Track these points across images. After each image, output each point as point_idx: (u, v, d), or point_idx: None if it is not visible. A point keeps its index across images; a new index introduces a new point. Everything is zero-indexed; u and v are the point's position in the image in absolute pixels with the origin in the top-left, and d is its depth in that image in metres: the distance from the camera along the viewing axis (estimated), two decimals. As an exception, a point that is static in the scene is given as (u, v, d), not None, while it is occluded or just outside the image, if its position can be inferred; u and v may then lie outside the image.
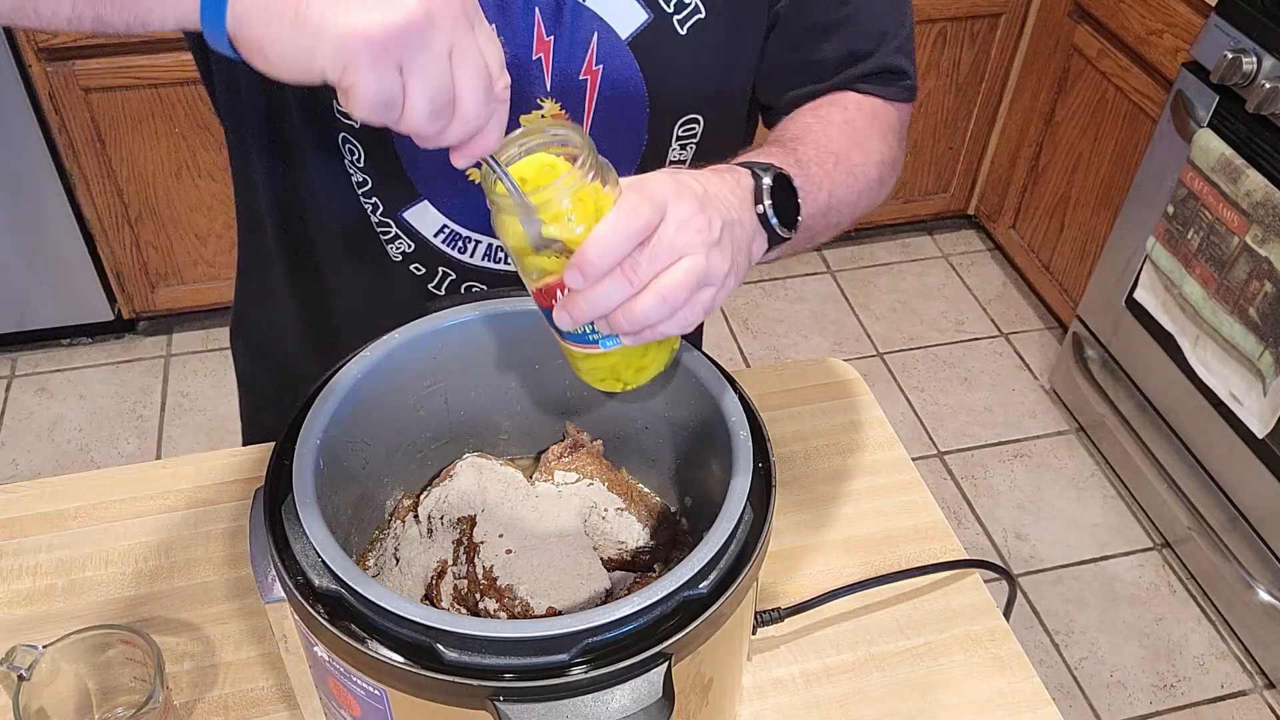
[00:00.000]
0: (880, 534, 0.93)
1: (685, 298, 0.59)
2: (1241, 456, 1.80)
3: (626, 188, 0.59)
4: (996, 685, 0.83)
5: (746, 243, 0.64)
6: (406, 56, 0.51)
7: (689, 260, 0.59)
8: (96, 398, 2.27)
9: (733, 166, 0.68)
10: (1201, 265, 1.76)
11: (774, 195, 0.67)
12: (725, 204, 0.63)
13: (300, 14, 0.49)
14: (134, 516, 0.92)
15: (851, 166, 0.80)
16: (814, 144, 0.79)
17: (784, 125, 0.85)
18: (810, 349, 2.46)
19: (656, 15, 0.80)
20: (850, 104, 0.87)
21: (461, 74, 0.53)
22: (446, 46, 0.52)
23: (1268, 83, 1.64)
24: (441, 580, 0.71)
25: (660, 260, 0.58)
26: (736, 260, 0.62)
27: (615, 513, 0.77)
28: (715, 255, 0.60)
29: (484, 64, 0.54)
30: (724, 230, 0.61)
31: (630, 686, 0.55)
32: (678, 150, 0.89)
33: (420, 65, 0.51)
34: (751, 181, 0.67)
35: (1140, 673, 1.87)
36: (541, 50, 0.79)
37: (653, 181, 0.59)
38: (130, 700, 0.77)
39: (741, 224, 0.64)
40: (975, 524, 2.11)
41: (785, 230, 0.68)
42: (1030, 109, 2.41)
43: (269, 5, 0.50)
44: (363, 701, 0.60)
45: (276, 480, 0.63)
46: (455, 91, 0.53)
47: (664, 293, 0.58)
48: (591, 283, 0.57)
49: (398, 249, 0.91)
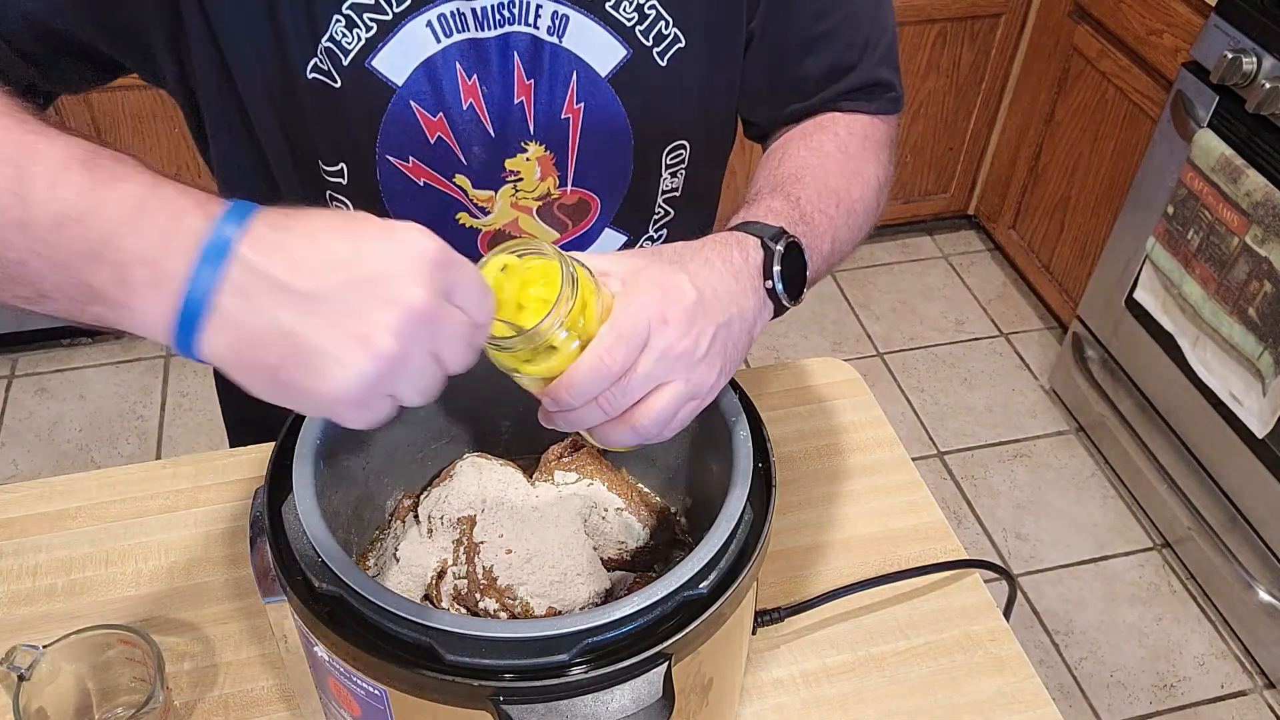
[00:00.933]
0: (880, 534, 0.93)
1: (663, 423, 0.60)
2: (1241, 456, 1.80)
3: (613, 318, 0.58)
4: (996, 685, 0.83)
5: (744, 334, 0.65)
6: (388, 388, 0.50)
7: (668, 389, 0.60)
8: (96, 398, 2.27)
9: (740, 238, 0.68)
10: (1201, 265, 1.76)
11: (783, 264, 0.67)
12: (722, 302, 0.63)
13: (278, 377, 0.49)
14: (134, 516, 0.92)
15: (852, 204, 0.80)
16: (814, 185, 0.79)
17: (779, 159, 0.84)
18: (810, 349, 2.46)
19: (635, 50, 0.80)
20: (841, 128, 0.86)
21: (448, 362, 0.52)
22: (427, 355, 0.50)
23: (1268, 83, 1.64)
24: (441, 580, 0.71)
25: (635, 393, 0.59)
26: (727, 363, 0.63)
27: (615, 513, 0.77)
28: (700, 373, 0.60)
29: (465, 343, 0.52)
30: (715, 338, 0.61)
31: (630, 686, 0.55)
32: (669, 179, 0.89)
33: (403, 384, 0.50)
34: (761, 256, 0.67)
35: (1140, 673, 1.87)
36: (523, 94, 0.79)
37: (639, 299, 0.59)
38: (130, 700, 0.77)
39: (741, 316, 0.64)
40: (975, 524, 2.11)
41: (791, 302, 0.69)
42: (1030, 109, 2.41)
43: (244, 359, 0.49)
44: (363, 701, 0.60)
45: (276, 480, 0.63)
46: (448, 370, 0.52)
47: (637, 425, 0.60)
48: (566, 411, 0.60)
49: None
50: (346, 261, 0.48)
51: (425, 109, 0.78)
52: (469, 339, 0.52)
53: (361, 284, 0.48)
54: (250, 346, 0.48)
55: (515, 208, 0.85)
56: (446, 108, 0.78)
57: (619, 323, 0.58)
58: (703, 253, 0.65)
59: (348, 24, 0.74)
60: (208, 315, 0.48)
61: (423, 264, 0.49)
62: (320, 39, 0.74)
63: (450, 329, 0.50)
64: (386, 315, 0.48)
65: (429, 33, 0.75)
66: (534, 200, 0.85)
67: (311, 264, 0.48)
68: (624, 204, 0.88)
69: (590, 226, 0.89)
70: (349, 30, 0.74)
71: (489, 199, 0.84)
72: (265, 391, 0.49)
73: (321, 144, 0.80)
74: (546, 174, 0.84)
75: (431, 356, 0.50)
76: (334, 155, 0.80)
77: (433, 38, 0.76)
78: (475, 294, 0.52)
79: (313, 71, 0.75)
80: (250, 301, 0.48)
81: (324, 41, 0.74)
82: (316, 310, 0.48)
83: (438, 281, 0.49)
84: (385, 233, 0.50)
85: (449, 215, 0.84)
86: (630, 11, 0.78)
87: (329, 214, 0.51)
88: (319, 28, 0.74)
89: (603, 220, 0.89)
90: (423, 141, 0.80)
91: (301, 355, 0.48)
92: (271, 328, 0.48)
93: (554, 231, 0.87)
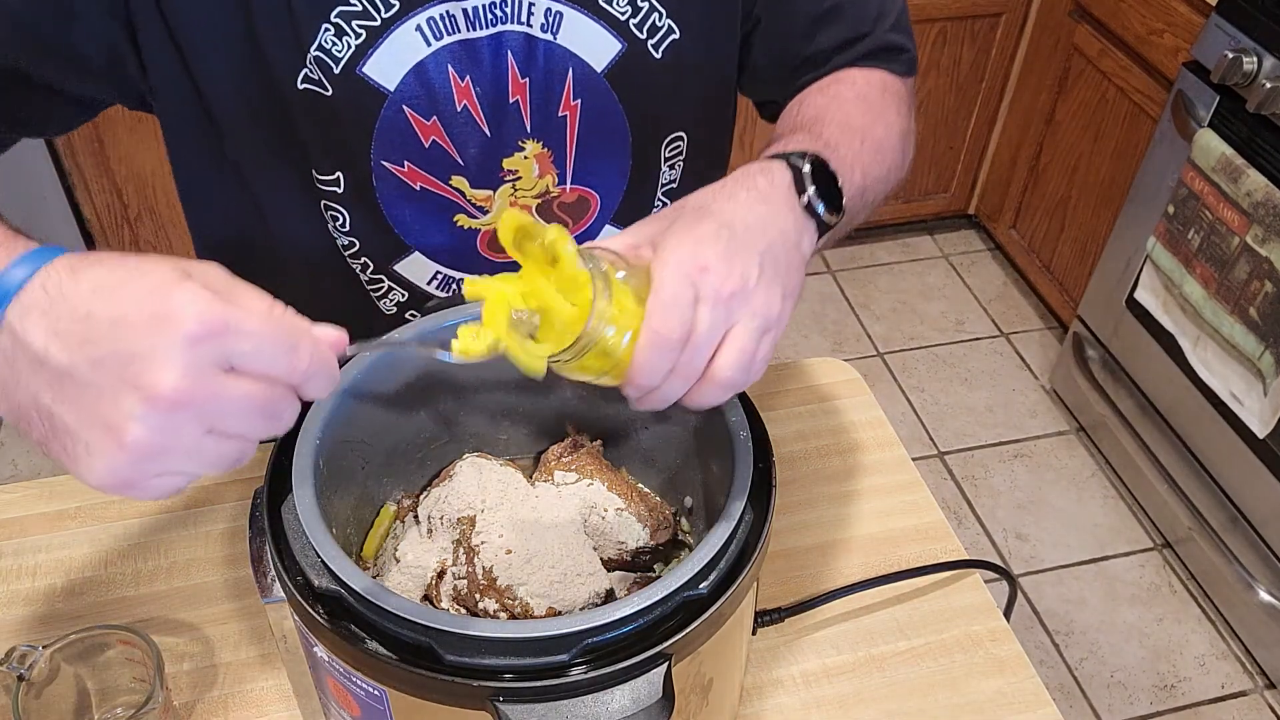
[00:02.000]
0: (880, 534, 0.93)
1: (746, 365, 0.58)
2: (1242, 456, 1.80)
3: (655, 286, 0.56)
4: (997, 685, 0.83)
5: (791, 253, 0.62)
6: (163, 467, 0.46)
7: (737, 332, 0.58)
8: (96, 397, 2.27)
9: (764, 165, 0.66)
10: (1202, 265, 1.76)
11: (816, 181, 0.65)
12: (757, 230, 0.60)
13: (50, 450, 0.47)
14: (134, 516, 0.92)
15: (877, 141, 0.78)
16: (835, 124, 0.77)
17: (795, 110, 0.82)
18: (810, 349, 2.46)
19: (630, 44, 0.79)
20: (858, 79, 0.84)
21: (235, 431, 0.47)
22: (199, 435, 0.46)
23: (1268, 82, 1.63)
24: (441, 580, 0.71)
25: (705, 350, 0.57)
26: (786, 286, 0.60)
27: (615, 513, 0.76)
28: (760, 303, 0.58)
29: (250, 401, 0.46)
30: (762, 266, 0.59)
31: (630, 687, 0.55)
32: (667, 171, 0.89)
33: (179, 465, 0.46)
34: (788, 174, 0.65)
35: (1140, 673, 1.87)
36: (518, 93, 0.79)
37: (672, 259, 0.57)
38: (130, 700, 0.77)
39: (783, 237, 0.62)
40: (975, 524, 2.11)
41: (832, 215, 0.66)
42: (1030, 109, 2.41)
43: (19, 427, 0.47)
44: (362, 702, 0.60)
45: (276, 480, 0.63)
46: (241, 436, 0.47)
47: (722, 378, 0.58)
48: (650, 394, 0.58)
49: (392, 301, 0.90)
50: (101, 335, 0.44)
51: (419, 113, 0.78)
52: (265, 403, 0.47)
53: (110, 364, 0.44)
54: (18, 419, 0.47)
55: (515, 207, 0.85)
56: (440, 110, 0.78)
57: (661, 291, 0.56)
58: (726, 189, 0.63)
59: (337, 32, 0.74)
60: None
61: (179, 340, 0.44)
62: (308, 49, 0.74)
63: (228, 404, 0.45)
64: (131, 402, 0.44)
65: (419, 36, 0.75)
66: (533, 199, 0.85)
67: (70, 336, 0.45)
68: (623, 199, 0.88)
69: (590, 224, 0.89)
70: (338, 39, 0.74)
71: (487, 198, 0.84)
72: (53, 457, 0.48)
73: (316, 154, 0.80)
74: (545, 172, 0.84)
75: (209, 434, 0.46)
76: (329, 164, 0.80)
77: (423, 41, 0.75)
78: (268, 354, 0.46)
79: (304, 82, 0.75)
80: (14, 371, 0.46)
81: (312, 51, 0.74)
82: (67, 391, 0.45)
83: (200, 357, 0.44)
84: (153, 297, 0.45)
85: (447, 218, 0.84)
86: (623, 5, 0.78)
87: (115, 266, 0.46)
88: (305, 38, 0.74)
89: (603, 217, 0.89)
90: (417, 146, 0.79)
91: (59, 435, 0.46)
92: (32, 403, 0.46)
93: None
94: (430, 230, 0.85)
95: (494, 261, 0.88)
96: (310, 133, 0.78)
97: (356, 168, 0.80)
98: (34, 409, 0.46)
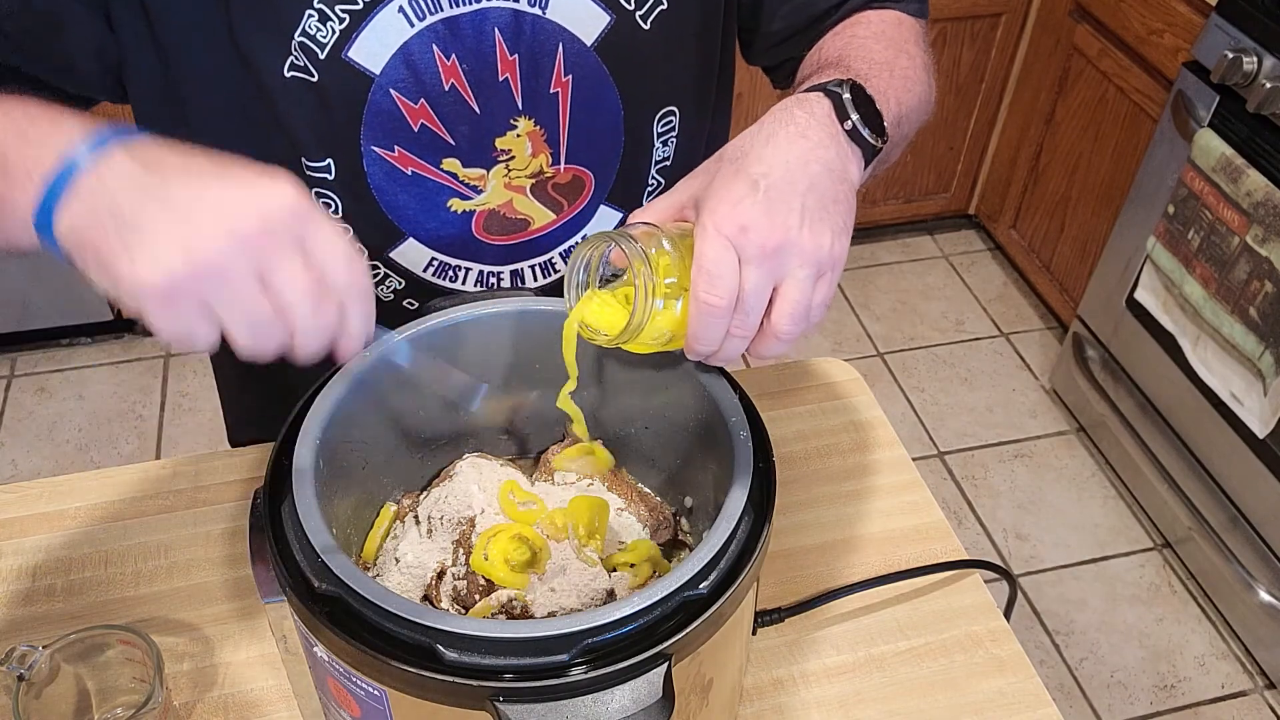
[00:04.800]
0: (880, 534, 0.93)
1: (803, 315, 0.59)
2: (1242, 456, 1.80)
3: (695, 255, 0.57)
4: (997, 685, 0.83)
5: (838, 185, 0.62)
6: (205, 295, 0.51)
7: (789, 284, 0.58)
8: (96, 398, 2.27)
9: (801, 98, 0.65)
10: (1202, 265, 1.76)
11: (857, 106, 0.65)
12: (796, 171, 0.60)
13: (100, 254, 0.51)
14: (134, 516, 0.92)
15: (905, 73, 0.78)
16: (860, 58, 0.77)
17: (815, 56, 0.82)
18: (810, 349, 2.46)
19: (618, 15, 0.79)
20: (873, 19, 0.84)
21: (280, 292, 0.52)
22: (251, 273, 0.51)
23: (1268, 82, 1.63)
24: (441, 581, 0.71)
25: (758, 307, 0.58)
26: (835, 222, 0.60)
27: (615, 513, 0.76)
28: (808, 249, 0.58)
29: (303, 278, 0.53)
30: (804, 210, 0.59)
31: (630, 687, 0.55)
32: (660, 148, 0.89)
33: (224, 299, 0.51)
34: (827, 102, 0.65)
35: (1140, 673, 1.87)
36: (507, 70, 0.79)
37: (710, 223, 0.57)
38: (130, 700, 0.77)
39: (827, 171, 0.61)
40: (975, 524, 2.11)
41: (877, 138, 0.66)
42: (1030, 109, 2.41)
43: (80, 237, 0.52)
44: (362, 702, 0.60)
45: (276, 480, 0.63)
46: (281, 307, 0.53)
47: (780, 332, 0.59)
48: (710, 357, 0.60)
49: (389, 288, 0.90)
50: (206, 182, 0.52)
51: (406, 96, 0.78)
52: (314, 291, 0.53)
53: (209, 201, 0.51)
54: (87, 221, 0.51)
55: (509, 188, 0.85)
56: (427, 92, 0.78)
57: (703, 258, 0.57)
58: (764, 131, 0.63)
59: (320, 18, 0.74)
60: (68, 193, 0.51)
61: (274, 202, 0.51)
62: (293, 36, 0.74)
63: (288, 265, 0.52)
64: (212, 223, 0.50)
65: (402, 18, 0.75)
66: (527, 178, 0.85)
67: (173, 170, 0.52)
68: (617, 178, 0.88)
69: (585, 204, 0.89)
70: (322, 24, 0.74)
71: (480, 177, 0.83)
72: (94, 272, 0.52)
73: (306, 140, 0.80)
74: (538, 150, 0.83)
75: (258, 283, 0.51)
76: (319, 151, 0.80)
77: (406, 22, 0.75)
78: (334, 251, 0.53)
79: (290, 70, 0.75)
80: (104, 183, 0.51)
81: (297, 37, 0.74)
82: (157, 203, 0.50)
83: (284, 221, 0.51)
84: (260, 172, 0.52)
85: (440, 203, 0.84)
86: None
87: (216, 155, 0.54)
88: (288, 24, 0.74)
89: (597, 196, 0.89)
90: (407, 130, 0.79)
91: (123, 232, 0.50)
92: (109, 205, 0.51)
93: (550, 212, 0.87)
94: (423, 216, 0.85)
95: (490, 245, 0.88)
96: (299, 120, 0.78)
97: (346, 154, 0.80)
98: (107, 209, 0.51)
